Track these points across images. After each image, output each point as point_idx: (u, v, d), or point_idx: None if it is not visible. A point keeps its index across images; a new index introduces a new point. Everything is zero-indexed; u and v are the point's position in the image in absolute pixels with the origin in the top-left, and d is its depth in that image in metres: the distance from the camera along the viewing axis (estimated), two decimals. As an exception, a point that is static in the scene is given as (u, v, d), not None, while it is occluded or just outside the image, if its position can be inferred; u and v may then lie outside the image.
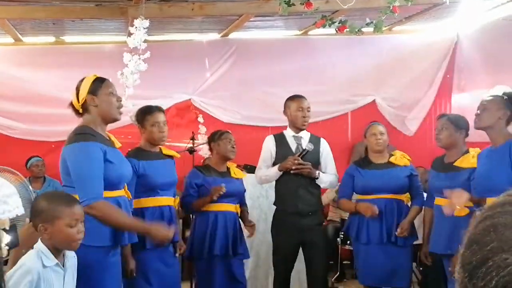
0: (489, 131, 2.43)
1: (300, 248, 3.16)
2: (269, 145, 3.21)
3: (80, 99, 2.12)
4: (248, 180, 3.90)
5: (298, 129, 3.18)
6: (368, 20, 3.28)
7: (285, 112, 3.23)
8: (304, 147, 3.08)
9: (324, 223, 3.58)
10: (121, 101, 2.21)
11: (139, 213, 2.57)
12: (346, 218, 4.24)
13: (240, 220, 3.15)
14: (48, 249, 1.70)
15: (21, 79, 4.80)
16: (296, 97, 3.21)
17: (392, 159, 3.05)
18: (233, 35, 5.15)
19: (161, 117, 2.70)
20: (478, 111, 2.48)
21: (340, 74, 5.30)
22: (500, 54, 4.55)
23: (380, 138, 3.02)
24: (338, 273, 4.52)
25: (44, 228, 1.69)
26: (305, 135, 3.20)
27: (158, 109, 2.77)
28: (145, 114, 2.71)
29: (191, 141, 3.59)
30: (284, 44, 5.33)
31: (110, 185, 2.08)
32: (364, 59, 5.33)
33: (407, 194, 3.06)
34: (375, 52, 5.34)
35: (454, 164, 2.71)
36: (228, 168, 3.14)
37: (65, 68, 4.82)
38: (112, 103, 2.13)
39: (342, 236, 4.35)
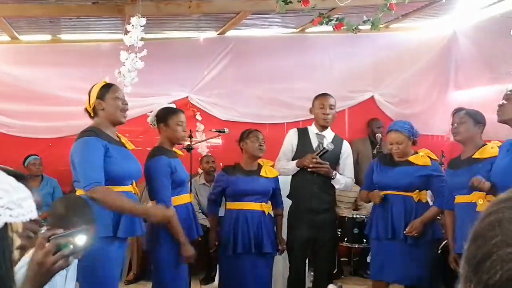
0: None
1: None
2: (291, 139, 3.26)
3: (91, 103, 2.35)
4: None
5: (321, 126, 3.21)
6: (365, 18, 3.28)
7: (311, 110, 3.29)
8: (324, 146, 3.10)
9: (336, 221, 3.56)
10: (126, 104, 2.40)
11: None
12: (344, 215, 4.29)
13: (269, 218, 3.11)
14: None
15: (17, 77, 4.79)
16: (320, 95, 3.26)
17: (411, 158, 2.97)
18: (230, 33, 5.15)
19: (184, 118, 2.81)
20: (503, 101, 2.37)
21: (337, 71, 5.31)
22: (497, 50, 4.56)
23: (397, 147, 2.95)
24: (336, 269, 4.53)
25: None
26: (328, 135, 3.23)
27: (181, 110, 2.89)
28: (170, 113, 2.79)
29: (189, 139, 3.58)
30: (281, 42, 5.33)
31: (114, 179, 2.21)
32: (361, 57, 5.33)
33: (419, 192, 2.97)
34: (372, 49, 5.35)
35: (472, 157, 2.63)
36: (260, 166, 3.13)
37: (62, 66, 4.82)
38: (117, 106, 2.34)
39: (339, 233, 4.37)
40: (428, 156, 2.99)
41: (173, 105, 3.01)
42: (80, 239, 1.12)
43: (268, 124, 5.27)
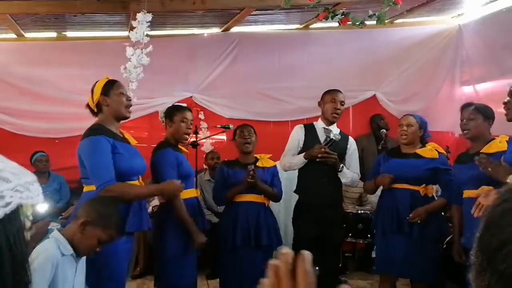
0: None
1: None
2: (298, 134, 3.26)
3: (94, 99, 2.36)
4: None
5: (328, 121, 3.21)
6: (370, 12, 3.27)
7: (319, 104, 3.28)
8: (331, 137, 3.10)
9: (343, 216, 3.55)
10: (130, 100, 2.42)
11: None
12: (348, 211, 4.29)
13: (269, 211, 3.13)
14: (66, 240, 1.73)
15: (23, 75, 4.80)
16: (331, 90, 3.26)
17: (419, 151, 2.96)
18: (235, 30, 5.14)
19: (190, 115, 2.87)
20: (508, 98, 2.32)
21: (341, 68, 5.28)
22: (503, 45, 4.53)
23: (406, 129, 2.95)
24: (341, 265, 4.53)
25: (82, 230, 1.77)
26: (335, 130, 3.23)
27: (189, 109, 2.96)
28: (176, 110, 2.87)
29: (194, 135, 3.59)
30: (285, 38, 5.32)
31: (121, 175, 2.24)
32: (366, 53, 5.31)
33: (426, 186, 2.95)
34: (377, 45, 5.32)
35: (481, 151, 2.59)
36: (256, 159, 3.15)
37: (67, 64, 4.84)
38: (121, 102, 2.35)
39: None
40: (435, 150, 2.98)
41: (184, 104, 3.08)
42: None
43: (273, 122, 5.28)
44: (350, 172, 3.18)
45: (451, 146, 4.72)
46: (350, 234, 4.25)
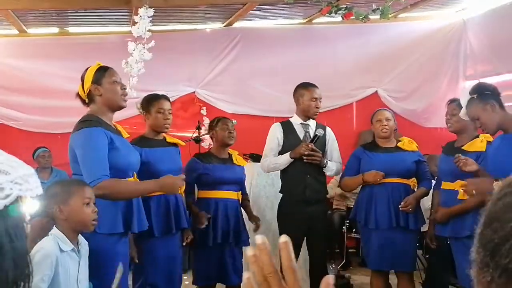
0: None
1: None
2: (276, 133, 3.16)
3: (85, 89, 2.14)
4: (254, 169, 3.89)
5: (307, 117, 3.15)
6: (374, 7, 3.24)
7: (295, 99, 3.17)
8: (315, 133, 3.05)
9: (329, 212, 3.56)
10: (125, 88, 2.21)
11: (144, 201, 2.46)
12: (351, 206, 4.28)
13: (242, 208, 3.12)
14: (64, 234, 1.72)
15: (26, 71, 4.81)
16: (309, 85, 3.14)
17: (400, 144, 3.03)
18: (237, 25, 5.12)
19: (166, 105, 2.71)
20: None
21: (344, 63, 5.27)
22: (508, 39, 4.50)
23: (386, 124, 3.01)
24: (344, 261, 4.54)
25: (60, 210, 1.71)
26: (312, 123, 3.18)
27: (164, 97, 2.77)
28: (151, 101, 2.71)
29: (197, 130, 3.58)
30: (288, 33, 5.30)
31: (119, 172, 2.09)
32: (369, 48, 5.28)
33: (414, 180, 3.06)
34: (381, 40, 5.29)
35: (462, 148, 2.69)
36: (230, 155, 3.09)
37: (70, 59, 4.83)
38: (116, 91, 2.14)
39: (347, 224, 4.37)
40: (412, 142, 3.08)
41: (160, 92, 2.86)
42: None
43: (275, 117, 5.26)
44: (333, 164, 3.14)
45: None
46: (353, 230, 4.25)
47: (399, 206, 2.91)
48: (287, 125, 3.18)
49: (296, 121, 3.17)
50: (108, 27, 4.99)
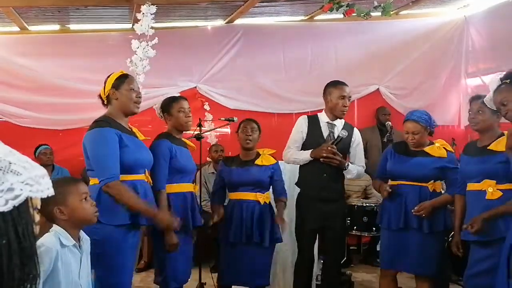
0: None
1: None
2: (301, 126, 3.17)
3: (106, 91, 2.37)
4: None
5: (335, 116, 3.12)
6: (376, 3, 3.24)
7: (324, 97, 3.15)
8: (338, 134, 3.04)
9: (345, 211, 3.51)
10: (140, 97, 2.41)
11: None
12: (353, 204, 4.28)
13: (264, 208, 3.05)
14: (65, 230, 1.73)
15: (27, 68, 4.81)
16: (338, 83, 3.12)
17: (427, 149, 2.90)
18: (238, 21, 5.11)
19: (186, 104, 2.81)
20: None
21: (345, 60, 5.26)
22: (510, 37, 4.48)
23: (413, 137, 2.88)
24: (345, 258, 4.54)
25: (61, 211, 1.72)
26: (339, 123, 3.15)
27: (183, 97, 2.89)
28: (171, 102, 2.80)
29: (198, 127, 3.58)
30: (289, 30, 5.29)
31: (127, 168, 2.23)
32: (371, 45, 5.28)
33: (434, 183, 2.92)
34: (382, 37, 5.29)
35: (488, 148, 2.57)
36: (257, 155, 3.07)
37: (70, 57, 4.84)
38: (130, 97, 2.35)
39: (348, 222, 4.37)
40: (444, 148, 2.93)
41: (177, 94, 3.02)
42: None
43: (277, 114, 5.27)
44: (355, 167, 3.13)
45: (457, 138, 4.70)
46: (355, 227, 4.25)
47: (412, 210, 2.84)
48: (313, 120, 3.18)
49: (323, 118, 3.16)
50: (109, 24, 4.98)
